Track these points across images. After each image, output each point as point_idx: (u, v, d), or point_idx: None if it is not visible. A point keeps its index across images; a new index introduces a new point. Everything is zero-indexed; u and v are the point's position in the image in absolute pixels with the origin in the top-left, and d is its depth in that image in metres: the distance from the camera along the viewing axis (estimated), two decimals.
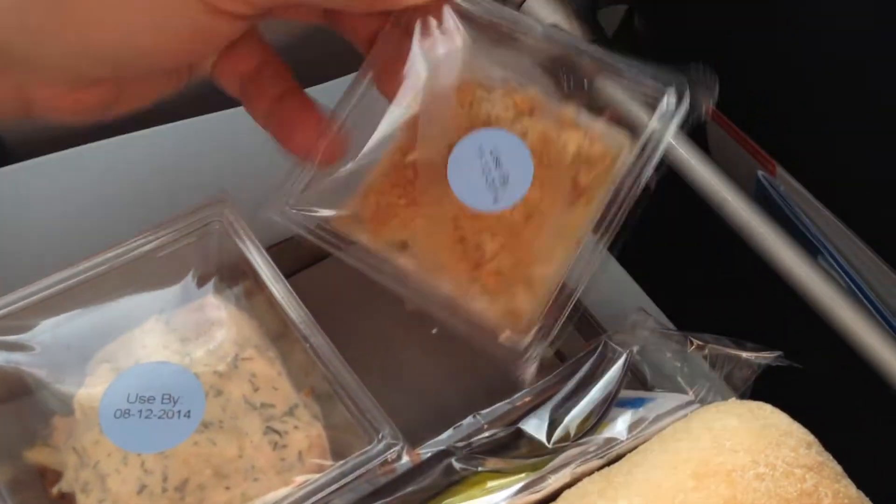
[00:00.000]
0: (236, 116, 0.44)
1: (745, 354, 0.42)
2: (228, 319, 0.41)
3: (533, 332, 0.38)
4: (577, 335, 0.47)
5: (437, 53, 0.43)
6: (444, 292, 0.39)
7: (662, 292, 0.56)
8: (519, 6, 0.62)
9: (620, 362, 0.42)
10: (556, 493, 0.38)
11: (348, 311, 0.48)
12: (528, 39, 0.43)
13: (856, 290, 0.60)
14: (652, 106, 0.41)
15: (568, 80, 0.42)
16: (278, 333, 0.42)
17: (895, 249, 0.57)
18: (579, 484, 0.38)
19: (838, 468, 0.36)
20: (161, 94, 0.39)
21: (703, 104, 0.42)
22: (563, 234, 0.40)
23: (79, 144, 0.49)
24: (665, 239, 0.65)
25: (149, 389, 0.37)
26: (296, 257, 0.50)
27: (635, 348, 0.43)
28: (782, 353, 0.42)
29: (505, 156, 0.41)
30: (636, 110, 0.42)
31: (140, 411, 0.37)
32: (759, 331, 0.46)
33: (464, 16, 0.42)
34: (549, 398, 0.42)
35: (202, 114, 0.52)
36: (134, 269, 0.41)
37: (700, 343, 0.43)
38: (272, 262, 0.42)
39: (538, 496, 0.38)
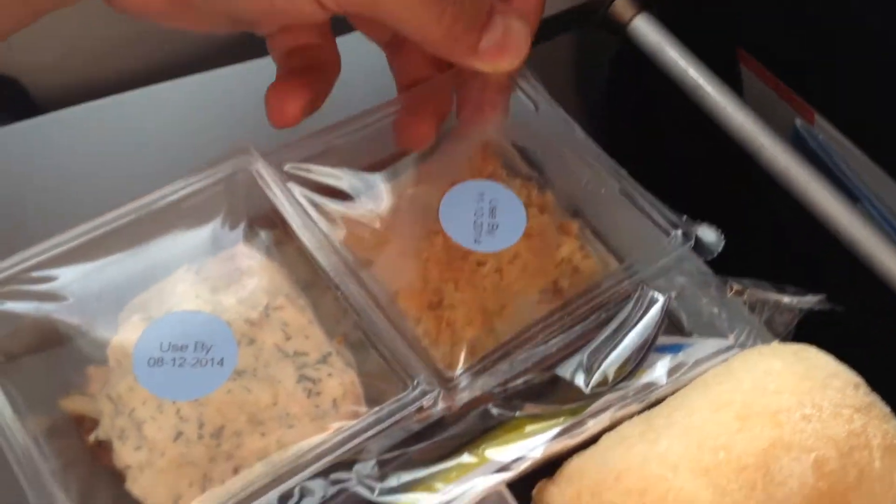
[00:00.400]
0: (265, 67, 0.43)
1: (786, 298, 0.41)
2: (259, 268, 0.41)
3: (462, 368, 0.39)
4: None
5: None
6: (391, 316, 0.40)
7: None
8: None
9: (658, 307, 0.41)
10: (596, 438, 0.37)
11: None
12: (565, 145, 0.46)
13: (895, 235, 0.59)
14: (654, 244, 0.43)
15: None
16: (309, 282, 0.42)
17: None
18: (619, 427, 0.37)
19: (886, 409, 0.35)
20: (210, 28, 0.39)
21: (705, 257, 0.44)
22: (522, 320, 0.41)
23: (105, 96, 0.49)
24: (701, 184, 0.64)
25: (181, 338, 0.37)
26: None
27: (673, 293, 0.42)
28: (825, 296, 0.41)
29: (501, 211, 0.43)
30: (638, 243, 0.44)
31: (173, 359, 0.37)
32: (798, 277, 0.45)
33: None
34: (586, 344, 0.41)
35: (229, 64, 0.51)
36: (163, 218, 0.41)
37: (739, 288, 0.42)
38: (302, 210, 0.42)
39: (577, 440, 0.37)
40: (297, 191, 0.42)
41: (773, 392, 0.34)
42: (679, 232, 0.43)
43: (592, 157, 0.46)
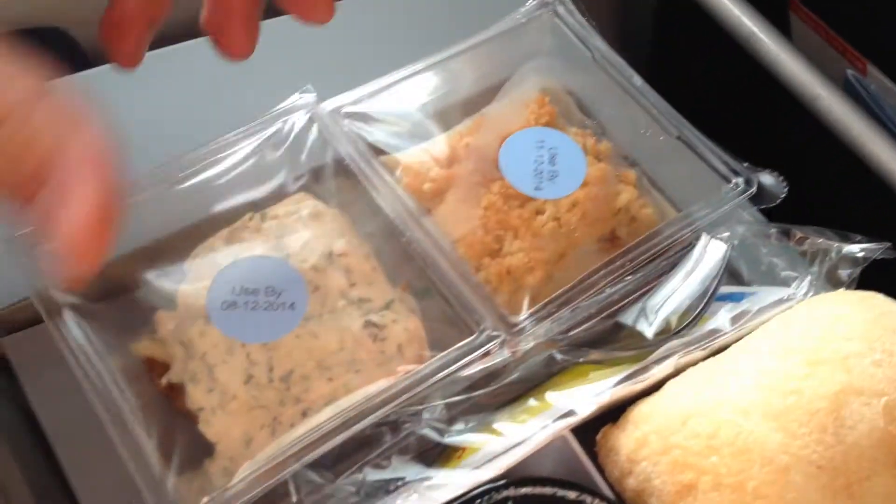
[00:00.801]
0: None
1: (850, 246, 0.41)
2: (322, 216, 0.41)
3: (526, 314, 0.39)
4: None
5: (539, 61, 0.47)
6: (453, 261, 0.40)
7: None
8: None
9: (719, 255, 0.41)
10: (660, 384, 0.38)
11: None
12: (623, 93, 0.46)
13: None
14: (714, 191, 0.43)
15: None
16: (372, 229, 0.42)
17: None
18: (685, 373, 0.37)
19: None
20: None
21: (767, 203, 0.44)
22: (583, 267, 0.41)
23: (156, 48, 0.49)
24: (752, 134, 0.63)
25: (253, 282, 0.37)
26: None
27: (734, 242, 0.42)
28: (891, 244, 0.41)
29: (562, 158, 0.43)
30: (697, 191, 0.44)
31: (246, 303, 0.37)
32: (851, 226, 0.44)
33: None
34: (647, 291, 0.41)
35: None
36: (228, 166, 0.41)
37: (802, 235, 0.42)
38: (365, 158, 0.42)
39: (641, 386, 0.37)
40: (359, 138, 0.42)
41: (843, 338, 0.34)
42: (740, 179, 0.43)
43: (650, 105, 0.45)
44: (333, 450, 0.35)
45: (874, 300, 0.37)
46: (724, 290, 0.42)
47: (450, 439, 0.36)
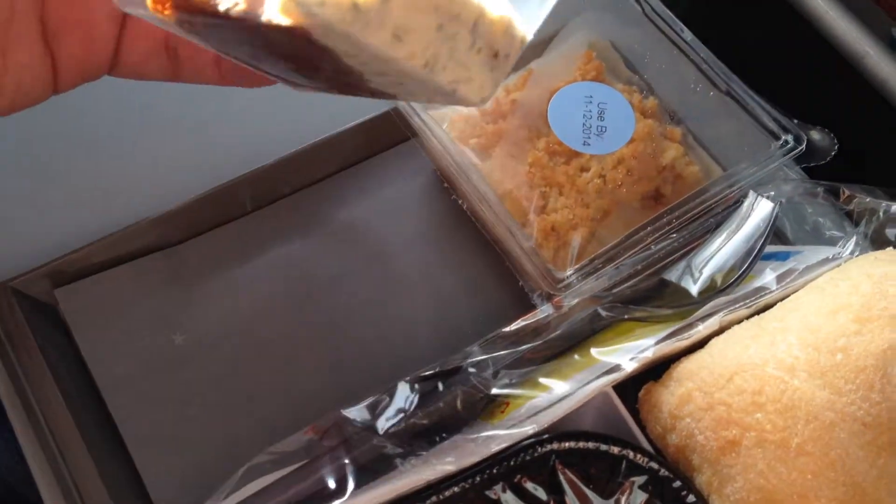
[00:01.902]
0: None
1: None
2: None
3: (571, 269, 0.39)
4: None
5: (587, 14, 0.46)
6: (500, 216, 0.41)
7: None
8: None
9: (766, 214, 0.41)
10: (704, 341, 0.38)
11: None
12: (673, 48, 0.45)
13: None
14: (762, 148, 0.43)
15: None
16: (424, 181, 0.42)
17: None
18: (730, 331, 0.37)
19: None
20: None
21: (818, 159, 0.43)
22: (627, 224, 0.41)
23: None
24: (802, 92, 0.62)
25: None
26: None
27: (782, 200, 0.42)
28: None
29: (610, 114, 0.43)
30: (744, 148, 0.43)
31: None
32: None
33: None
34: (693, 249, 0.41)
35: None
36: None
37: (850, 194, 0.42)
38: (418, 110, 0.42)
39: (686, 343, 0.37)
40: None
41: (893, 296, 0.34)
42: (790, 136, 0.42)
43: (701, 60, 0.45)
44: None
45: None
46: (770, 248, 0.41)
47: (496, 391, 0.37)
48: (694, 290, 0.39)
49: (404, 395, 0.37)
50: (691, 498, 0.35)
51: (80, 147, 0.47)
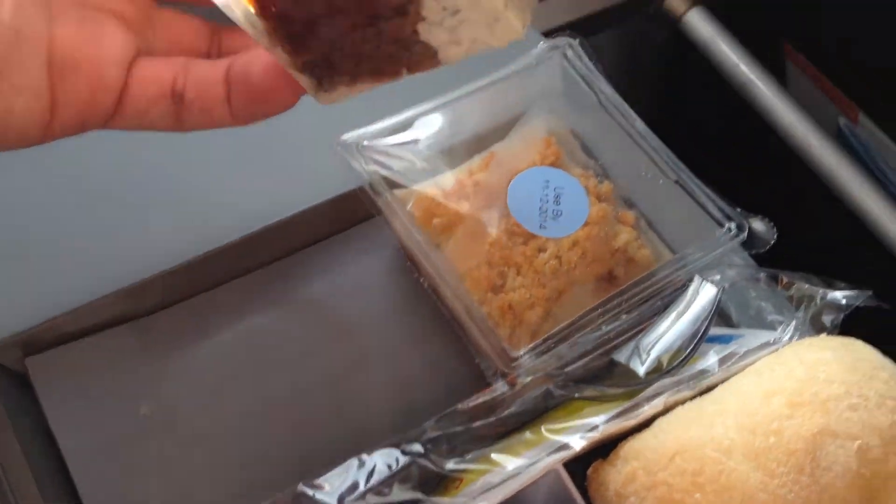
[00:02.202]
0: None
1: (834, 293, 0.43)
2: None
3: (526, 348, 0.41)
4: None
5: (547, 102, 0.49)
6: (458, 294, 0.42)
7: None
8: None
9: (710, 298, 0.43)
10: (650, 421, 0.40)
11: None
12: (626, 136, 0.48)
13: None
14: (708, 235, 0.45)
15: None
16: (387, 260, 0.43)
17: None
18: (674, 411, 0.39)
19: None
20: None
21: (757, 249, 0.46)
22: (581, 304, 0.43)
23: None
24: (747, 179, 0.65)
25: None
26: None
27: (725, 285, 0.44)
28: (872, 292, 0.43)
29: (566, 199, 0.45)
30: (692, 234, 0.46)
31: None
32: (840, 273, 0.46)
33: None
34: (642, 331, 0.43)
35: None
36: None
37: (789, 281, 0.44)
38: (381, 191, 0.44)
39: (633, 422, 0.39)
40: (374, 172, 0.44)
41: (824, 381, 0.36)
42: (733, 224, 0.45)
43: (650, 149, 0.47)
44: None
45: (854, 346, 0.39)
46: (714, 331, 0.44)
47: (450, 467, 0.38)
48: (641, 370, 0.41)
49: (362, 470, 0.38)
50: None
51: (53, 218, 0.49)
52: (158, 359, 0.44)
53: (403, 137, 0.46)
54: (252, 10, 0.27)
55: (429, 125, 0.48)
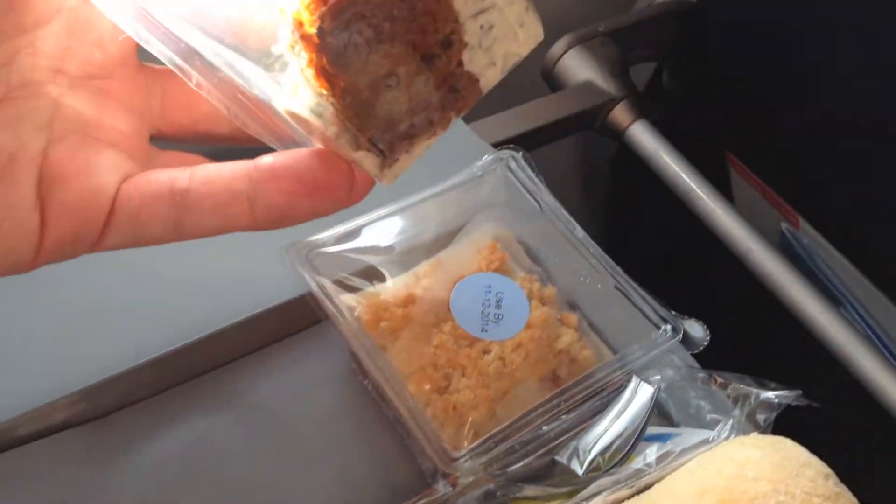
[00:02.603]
0: None
1: (767, 393, 0.45)
2: None
3: (466, 449, 0.42)
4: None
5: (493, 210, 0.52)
6: (402, 396, 0.43)
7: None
8: (555, 64, 0.67)
9: (648, 397, 0.44)
10: None
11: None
12: (567, 243, 0.50)
13: (875, 340, 0.62)
14: (645, 337, 0.47)
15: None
16: (335, 363, 0.45)
17: None
18: None
19: (854, 499, 0.38)
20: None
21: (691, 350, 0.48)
22: (524, 404, 0.44)
23: None
24: (690, 281, 0.68)
25: None
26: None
27: (662, 385, 0.45)
28: (801, 392, 0.44)
29: (507, 303, 0.47)
30: (630, 336, 0.48)
31: None
32: (780, 372, 0.48)
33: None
34: (582, 430, 0.44)
35: None
36: None
37: (723, 381, 0.45)
38: (331, 295, 0.45)
39: None
40: (325, 276, 0.46)
41: (752, 479, 0.38)
42: (668, 326, 0.47)
43: (590, 255, 0.50)
44: None
45: (782, 444, 0.40)
46: (653, 430, 0.45)
47: None
48: (581, 470, 0.42)
49: None
50: None
51: (8, 320, 0.50)
52: (105, 464, 0.45)
53: (352, 244, 0.48)
54: (323, 91, 0.27)
55: (377, 233, 0.50)
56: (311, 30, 0.26)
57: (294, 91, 0.28)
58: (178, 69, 0.28)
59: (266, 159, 0.28)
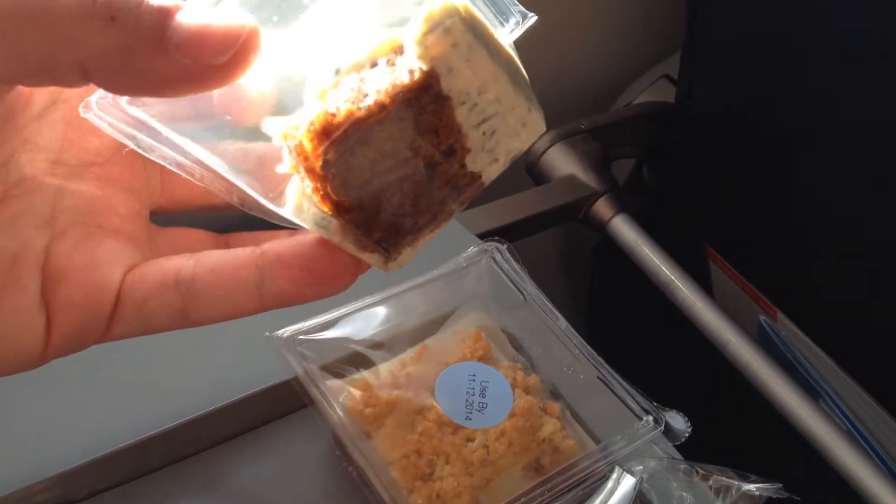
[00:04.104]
0: None
1: (748, 485, 0.45)
2: None
3: None
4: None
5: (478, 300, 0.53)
6: (386, 484, 0.44)
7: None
8: (538, 158, 0.69)
9: (630, 487, 0.45)
10: None
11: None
12: (550, 333, 0.51)
13: (854, 433, 0.63)
14: (628, 427, 0.48)
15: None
16: (319, 450, 0.44)
17: (892, 394, 0.60)
18: None
19: None
20: None
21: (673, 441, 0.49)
22: (508, 492, 0.45)
23: None
24: (674, 373, 0.68)
25: None
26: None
27: (645, 476, 0.46)
28: (782, 485, 0.45)
29: (491, 392, 0.48)
30: (613, 426, 0.49)
31: None
32: (761, 464, 0.48)
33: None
34: None
35: None
36: None
37: (705, 473, 0.46)
38: (316, 381, 0.46)
39: None
40: (312, 363, 0.47)
41: None
42: (650, 417, 0.47)
43: (573, 346, 0.51)
44: None
45: None
46: None
47: None
48: None
49: None
50: None
51: None
52: None
53: (338, 331, 0.49)
54: (327, 212, 0.27)
55: (363, 320, 0.51)
56: (317, 163, 0.26)
57: (297, 208, 0.28)
58: (180, 168, 0.28)
59: (273, 247, 0.29)
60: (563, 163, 0.69)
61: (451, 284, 0.54)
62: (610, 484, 0.45)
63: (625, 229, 0.66)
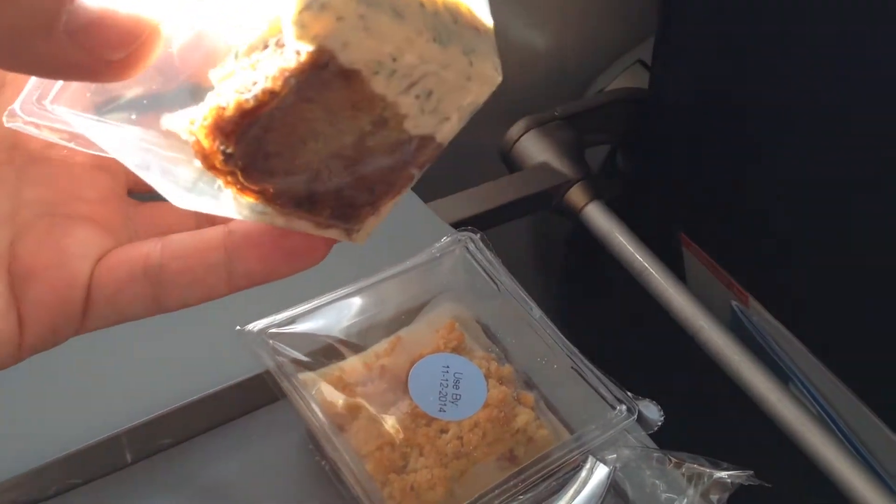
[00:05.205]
0: None
1: (720, 473, 0.45)
2: None
3: None
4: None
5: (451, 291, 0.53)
6: (359, 477, 0.44)
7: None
8: (512, 146, 0.69)
9: (603, 477, 0.45)
10: None
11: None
12: (524, 323, 0.51)
13: (824, 416, 0.64)
14: (601, 416, 0.48)
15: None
16: (292, 443, 0.44)
17: (861, 378, 0.61)
18: None
19: None
20: None
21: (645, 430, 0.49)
22: (482, 483, 0.45)
23: None
24: (647, 361, 0.69)
25: None
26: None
27: (618, 465, 0.46)
28: (753, 472, 0.45)
29: (465, 384, 0.48)
30: (587, 415, 0.49)
31: None
32: (733, 450, 0.49)
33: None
34: None
35: None
36: None
37: (678, 461, 0.46)
38: (288, 374, 0.46)
39: None
40: (284, 356, 0.46)
41: None
42: (623, 406, 0.48)
43: (547, 335, 0.51)
44: None
45: None
46: None
47: None
48: None
49: None
50: None
51: None
52: None
53: (311, 324, 0.49)
54: (256, 202, 0.26)
55: (336, 312, 0.50)
56: (216, 160, 0.24)
57: (234, 202, 0.26)
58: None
59: (240, 226, 0.28)
60: (536, 150, 0.69)
61: (425, 275, 0.53)
62: (584, 473, 0.45)
63: (598, 217, 0.67)
